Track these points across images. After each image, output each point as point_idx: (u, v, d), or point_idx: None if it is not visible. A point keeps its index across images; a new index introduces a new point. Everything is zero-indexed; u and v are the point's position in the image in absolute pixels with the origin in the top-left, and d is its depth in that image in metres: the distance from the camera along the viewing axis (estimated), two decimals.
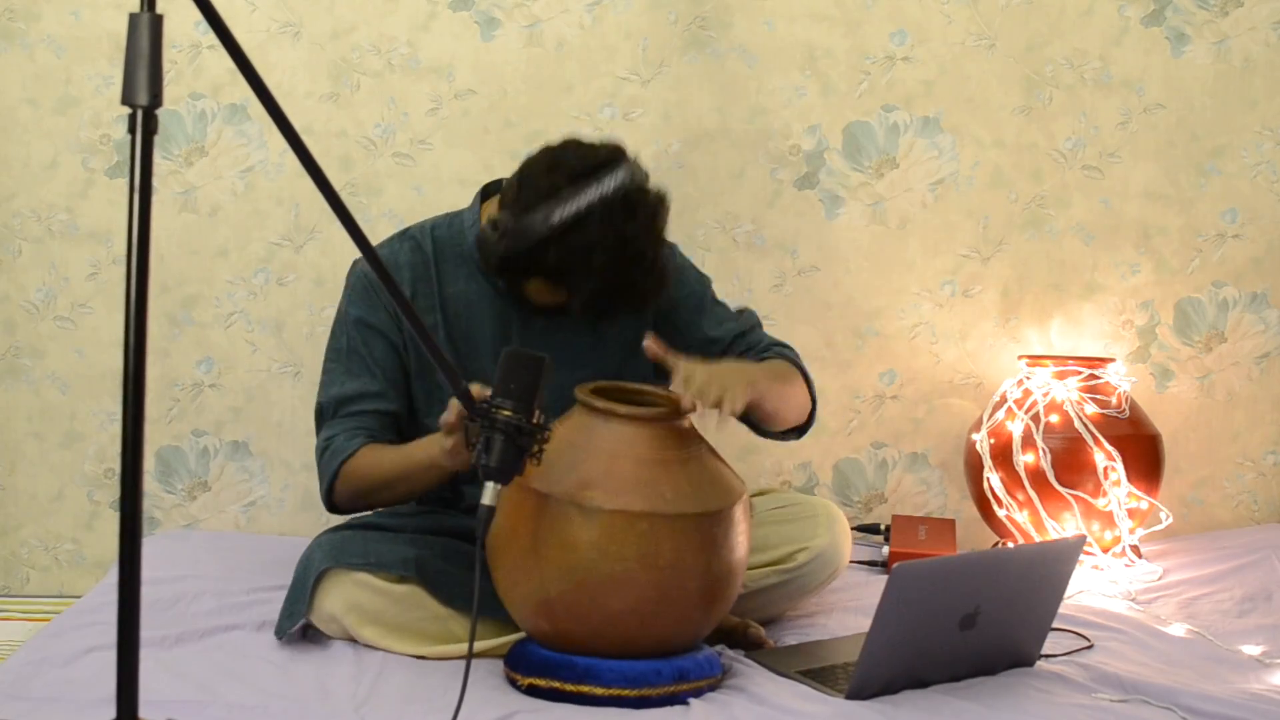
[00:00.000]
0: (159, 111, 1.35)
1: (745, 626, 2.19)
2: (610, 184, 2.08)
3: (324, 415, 2.26)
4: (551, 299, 2.18)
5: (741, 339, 2.36)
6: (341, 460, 2.18)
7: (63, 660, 2.00)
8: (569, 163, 2.10)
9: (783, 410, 2.23)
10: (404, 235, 2.34)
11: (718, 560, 1.95)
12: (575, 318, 2.19)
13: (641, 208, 2.10)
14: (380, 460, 2.17)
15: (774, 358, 2.32)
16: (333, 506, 2.25)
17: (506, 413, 1.77)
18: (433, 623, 2.10)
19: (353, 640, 2.12)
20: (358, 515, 2.34)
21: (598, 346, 2.32)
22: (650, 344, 2.06)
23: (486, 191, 2.34)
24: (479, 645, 2.00)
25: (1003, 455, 2.79)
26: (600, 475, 1.92)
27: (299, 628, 2.15)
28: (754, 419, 2.22)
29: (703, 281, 2.41)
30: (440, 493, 2.34)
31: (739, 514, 1.98)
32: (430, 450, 2.04)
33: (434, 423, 2.00)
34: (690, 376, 2.01)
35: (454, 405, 1.89)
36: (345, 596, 2.09)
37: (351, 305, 2.30)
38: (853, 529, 2.71)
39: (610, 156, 2.12)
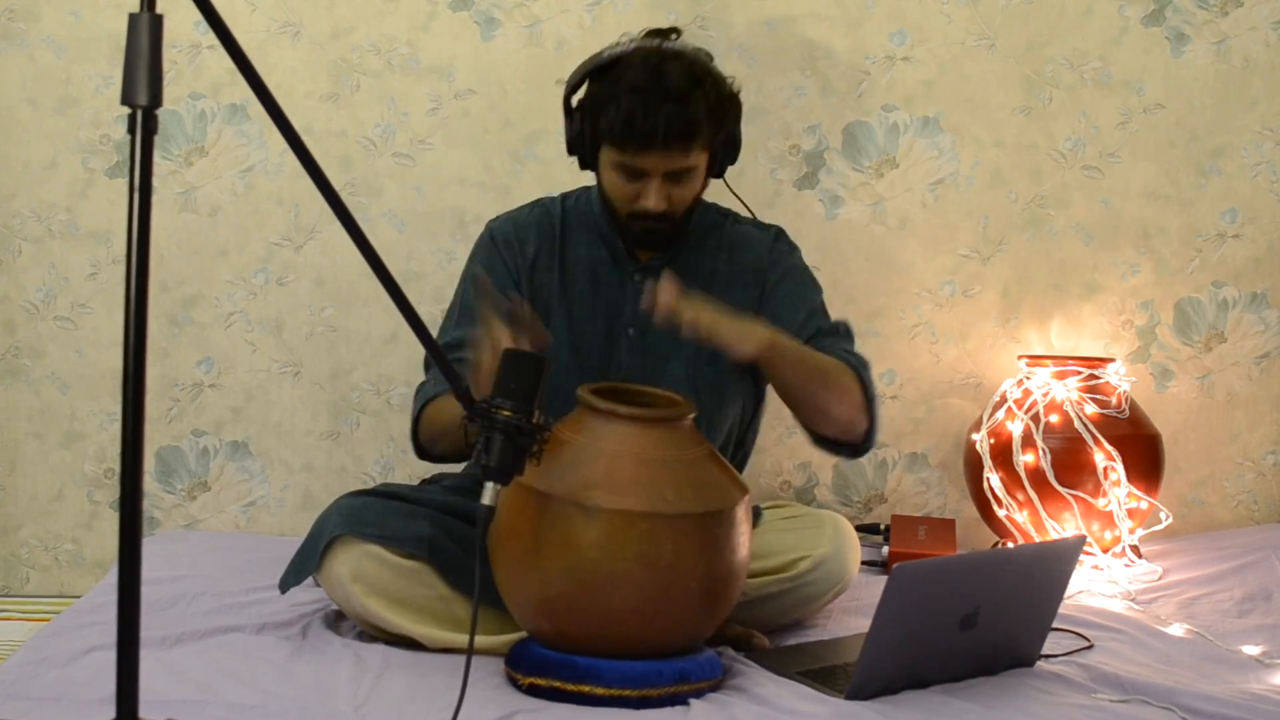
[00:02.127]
0: (159, 111, 1.35)
1: (749, 636, 2.19)
2: (662, 43, 2.26)
3: (428, 363, 2.34)
4: (615, 176, 2.25)
5: (819, 339, 2.34)
6: (423, 404, 2.27)
7: (63, 660, 2.00)
8: (643, 35, 2.29)
9: (814, 395, 2.23)
10: (537, 202, 2.46)
11: (719, 561, 1.95)
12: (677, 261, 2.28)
13: (687, 62, 2.22)
14: (442, 406, 2.21)
15: (837, 359, 2.31)
16: (419, 449, 2.32)
17: (506, 413, 1.77)
18: (437, 602, 2.12)
19: (355, 611, 2.13)
20: (382, 485, 2.34)
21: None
22: (647, 296, 2.10)
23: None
24: (480, 642, 2.01)
25: (1003, 455, 2.79)
26: (601, 475, 1.92)
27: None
28: (785, 397, 2.24)
29: (811, 284, 2.44)
30: (472, 474, 2.36)
31: (740, 515, 1.98)
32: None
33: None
34: (687, 306, 2.07)
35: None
36: (354, 565, 2.10)
37: (472, 262, 2.40)
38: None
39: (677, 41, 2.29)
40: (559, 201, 2.44)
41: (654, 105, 2.16)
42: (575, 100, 2.30)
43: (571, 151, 2.32)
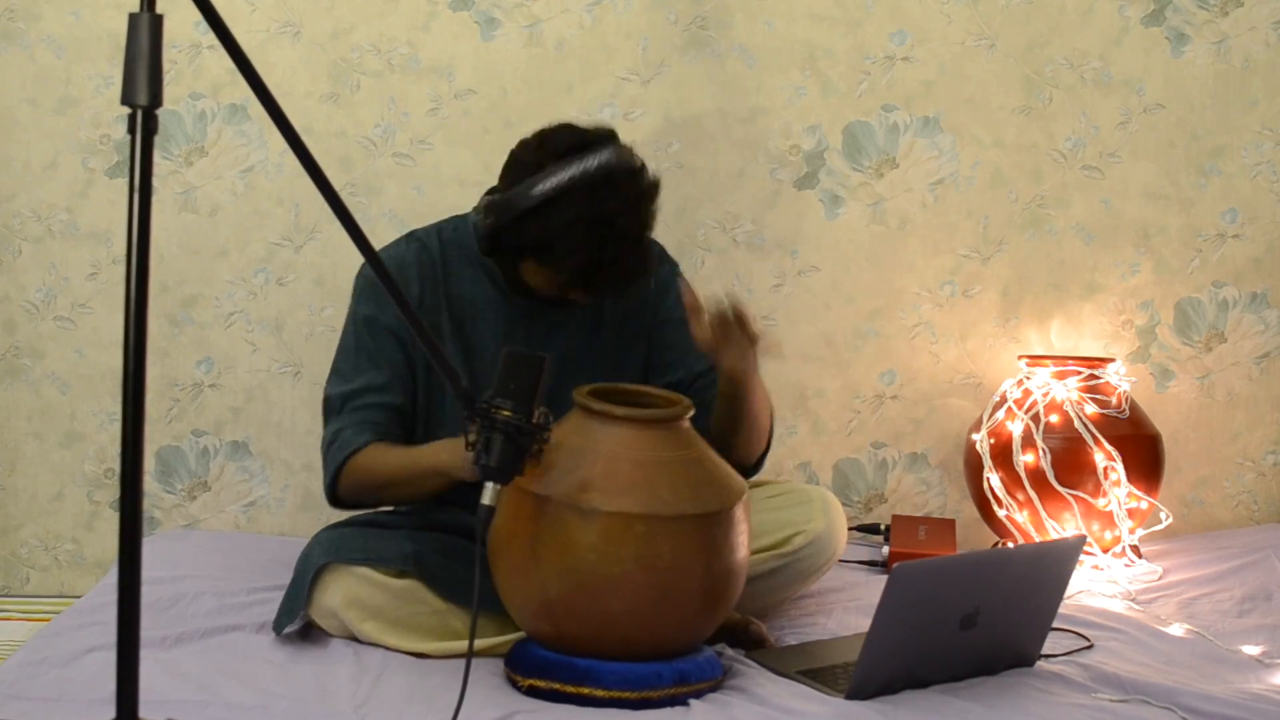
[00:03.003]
0: (159, 111, 1.35)
1: (746, 623, 2.19)
2: (594, 162, 2.12)
3: (331, 409, 2.28)
4: (544, 282, 2.20)
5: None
6: (348, 454, 2.19)
7: (63, 660, 2.00)
8: (556, 141, 2.16)
9: (756, 420, 2.26)
10: (410, 237, 2.37)
11: (718, 561, 1.95)
12: (571, 303, 2.22)
13: (626, 187, 2.13)
14: (387, 459, 2.18)
15: None
16: (335, 500, 2.26)
17: (506, 413, 1.77)
18: (432, 618, 2.11)
19: (352, 638, 2.13)
20: (357, 513, 2.35)
21: (599, 351, 2.34)
22: (688, 296, 2.09)
23: (491, 193, 2.35)
24: (479, 644, 2.01)
25: (1003, 455, 2.79)
26: (599, 477, 1.91)
27: (298, 626, 2.15)
28: (730, 419, 2.24)
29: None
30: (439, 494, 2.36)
31: (739, 514, 1.98)
32: (439, 457, 2.04)
33: (441, 418, 2.00)
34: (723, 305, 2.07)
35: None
36: (345, 591, 2.10)
37: (360, 304, 2.32)
38: (852, 529, 2.72)
39: (597, 137, 2.17)
40: (434, 236, 2.35)
41: (612, 258, 2.12)
42: (505, 231, 2.17)
43: (490, 254, 2.23)
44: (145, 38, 1.33)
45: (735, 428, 2.25)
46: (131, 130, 1.33)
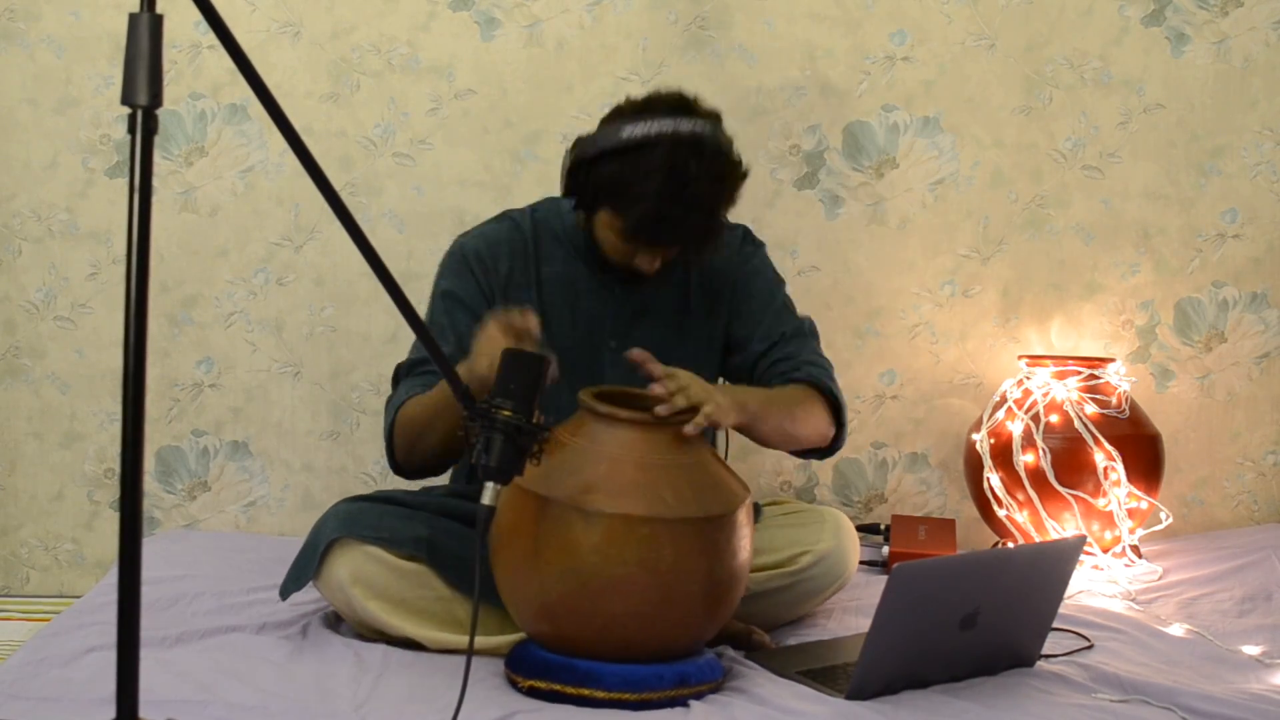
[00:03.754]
0: (159, 111, 1.35)
1: (749, 632, 2.19)
2: (689, 126, 2.16)
3: (397, 377, 2.31)
4: (614, 237, 2.22)
5: (782, 344, 2.37)
6: (396, 409, 2.22)
7: (63, 660, 2.00)
8: (662, 99, 2.21)
9: (787, 433, 2.26)
10: (503, 216, 2.41)
11: (720, 565, 1.94)
12: (642, 275, 2.25)
13: (712, 159, 2.15)
14: (423, 399, 2.19)
15: (801, 378, 2.33)
16: (395, 464, 2.27)
17: (506, 413, 1.77)
18: (437, 603, 2.11)
19: (355, 615, 2.13)
20: (379, 490, 2.34)
21: (684, 329, 2.37)
22: (635, 352, 2.06)
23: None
24: (481, 643, 2.00)
25: (1003, 455, 2.79)
26: (602, 479, 1.91)
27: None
28: (758, 442, 2.26)
29: (775, 281, 2.46)
30: (464, 474, 2.38)
31: (742, 519, 1.98)
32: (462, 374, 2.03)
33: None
34: (674, 375, 2.02)
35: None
36: (354, 567, 2.10)
37: (442, 278, 2.35)
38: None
39: (702, 110, 2.21)
40: (528, 215, 2.39)
41: (679, 215, 2.14)
42: (586, 166, 2.21)
43: (567, 194, 2.25)
44: (145, 38, 1.33)
45: (770, 446, 2.30)
46: (131, 130, 1.33)
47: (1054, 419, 2.78)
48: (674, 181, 2.11)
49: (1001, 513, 2.80)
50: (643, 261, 2.24)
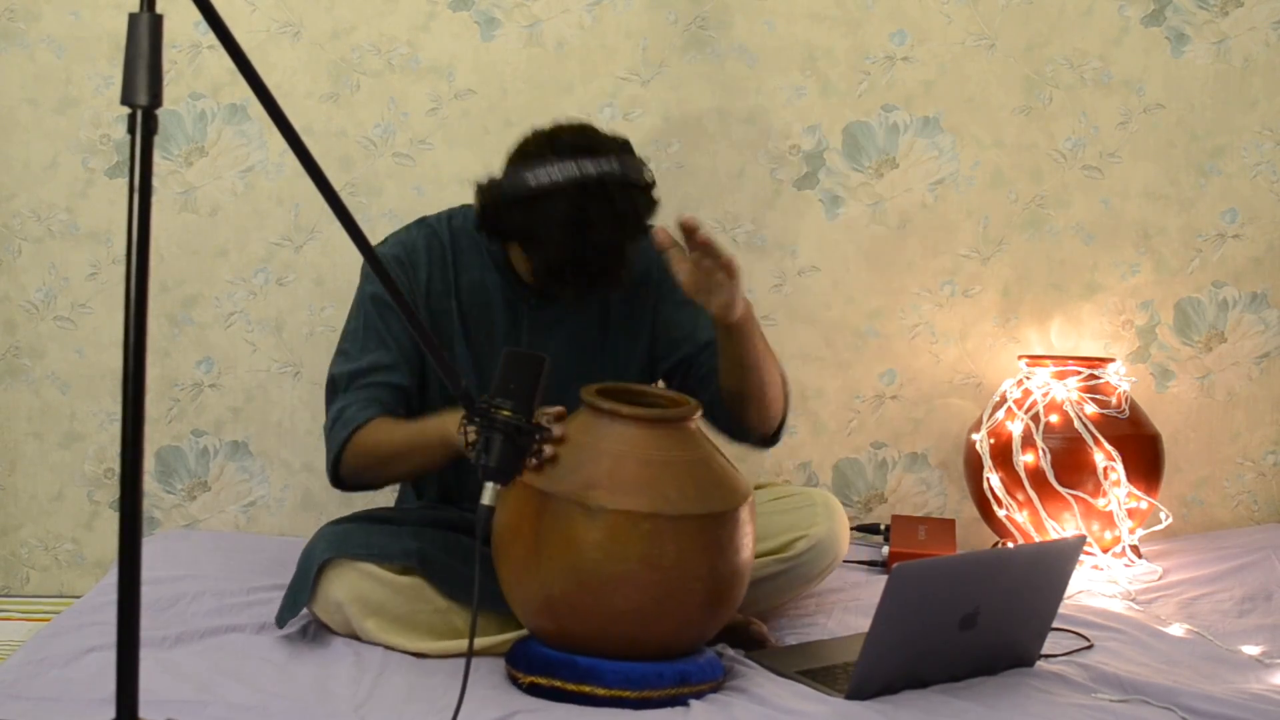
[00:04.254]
0: (159, 111, 1.35)
1: (747, 624, 2.20)
2: (593, 168, 2.12)
3: (336, 388, 2.27)
4: (527, 269, 2.22)
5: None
6: (353, 429, 2.19)
7: (63, 660, 2.00)
8: (565, 138, 2.17)
9: (763, 370, 2.22)
10: (421, 223, 2.39)
11: (722, 562, 1.95)
12: (561, 295, 2.22)
13: (619, 200, 2.13)
14: (392, 433, 2.18)
15: None
16: (338, 480, 2.24)
17: (506, 413, 1.77)
18: (434, 615, 2.11)
19: (353, 634, 2.13)
20: (360, 510, 2.35)
21: (603, 342, 2.35)
22: (660, 233, 2.05)
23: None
24: (480, 643, 2.00)
25: (1003, 455, 2.79)
26: (604, 475, 1.92)
27: (301, 626, 2.15)
28: (735, 370, 2.22)
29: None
30: (443, 485, 2.36)
31: (744, 516, 1.98)
32: (446, 426, 2.03)
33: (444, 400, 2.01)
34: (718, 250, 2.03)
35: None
36: (348, 586, 2.10)
37: (369, 283, 2.33)
38: (853, 529, 2.72)
39: (606, 144, 2.17)
40: (445, 222, 2.37)
41: (586, 259, 2.13)
42: (493, 210, 2.20)
43: (479, 229, 2.24)
44: (145, 38, 1.33)
45: (742, 384, 2.23)
46: (131, 130, 1.33)
47: (1054, 419, 2.78)
48: (578, 230, 2.11)
49: (1001, 513, 2.80)
50: (560, 293, 2.22)
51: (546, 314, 2.33)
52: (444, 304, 2.30)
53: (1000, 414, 2.84)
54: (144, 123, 1.34)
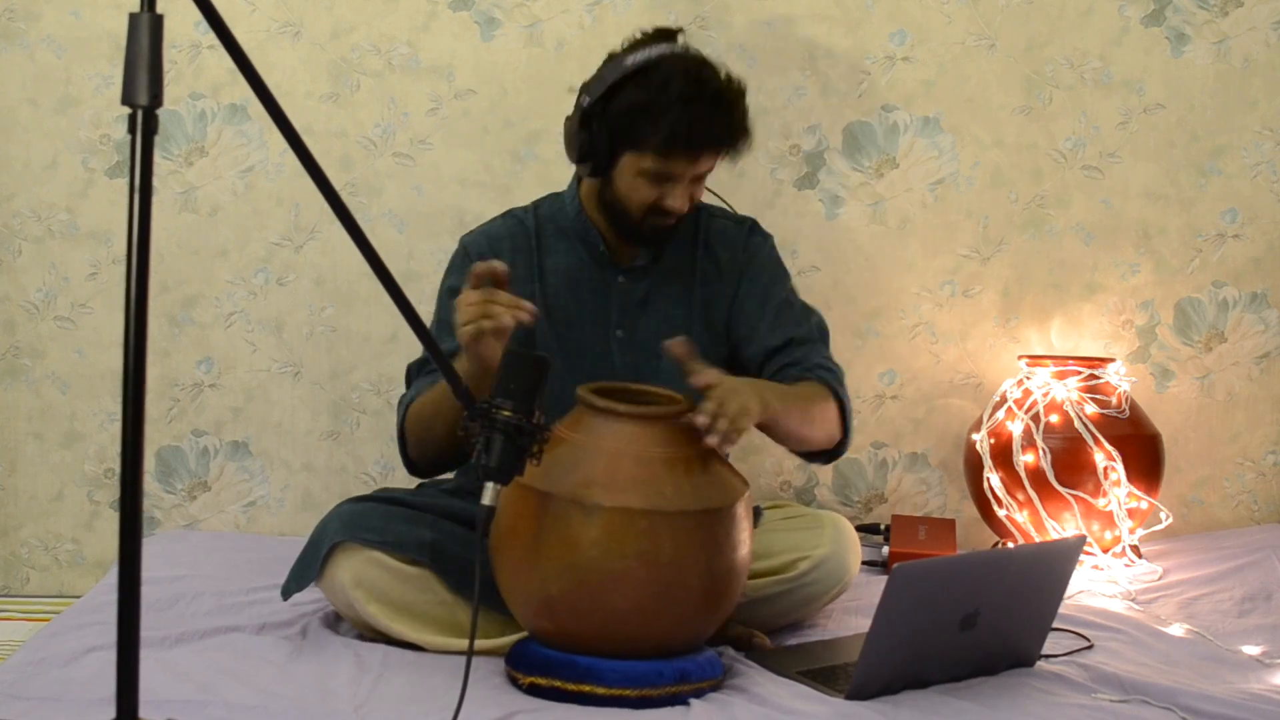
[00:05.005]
0: (159, 111, 1.35)
1: (750, 635, 2.19)
2: (685, 46, 2.26)
3: (409, 378, 2.33)
4: (639, 178, 2.24)
5: (791, 349, 2.36)
6: (407, 405, 2.25)
7: (63, 660, 2.00)
8: (651, 35, 2.29)
9: (801, 433, 2.27)
10: (508, 213, 2.45)
11: (719, 558, 1.95)
12: (665, 231, 2.29)
13: (715, 67, 2.24)
14: (431, 394, 2.20)
15: (812, 379, 2.32)
16: (409, 463, 2.29)
17: (506, 413, 1.77)
18: (439, 608, 2.11)
19: (355, 616, 2.13)
20: (380, 490, 2.36)
21: (690, 322, 2.37)
22: (676, 345, 2.06)
23: (581, 175, 2.40)
24: (481, 644, 2.01)
25: (1003, 455, 2.79)
26: (601, 473, 1.92)
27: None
28: (773, 437, 2.26)
29: (781, 277, 2.46)
30: (462, 476, 2.37)
31: (740, 512, 1.98)
32: (460, 366, 2.04)
33: None
34: (718, 385, 2.01)
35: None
36: (356, 571, 2.10)
37: (448, 276, 2.39)
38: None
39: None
40: (531, 211, 2.42)
41: (707, 115, 2.20)
42: (600, 105, 2.24)
43: (583, 159, 2.27)
44: (145, 38, 1.33)
45: (783, 443, 2.30)
46: (131, 130, 1.33)
47: (1054, 419, 2.78)
48: (694, 83, 2.19)
49: (1001, 513, 2.80)
50: (675, 198, 2.25)
51: (634, 290, 2.36)
52: (527, 288, 2.32)
53: (1000, 414, 2.84)
54: (144, 123, 1.33)
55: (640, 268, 2.37)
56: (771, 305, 2.40)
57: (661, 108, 2.18)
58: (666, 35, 2.29)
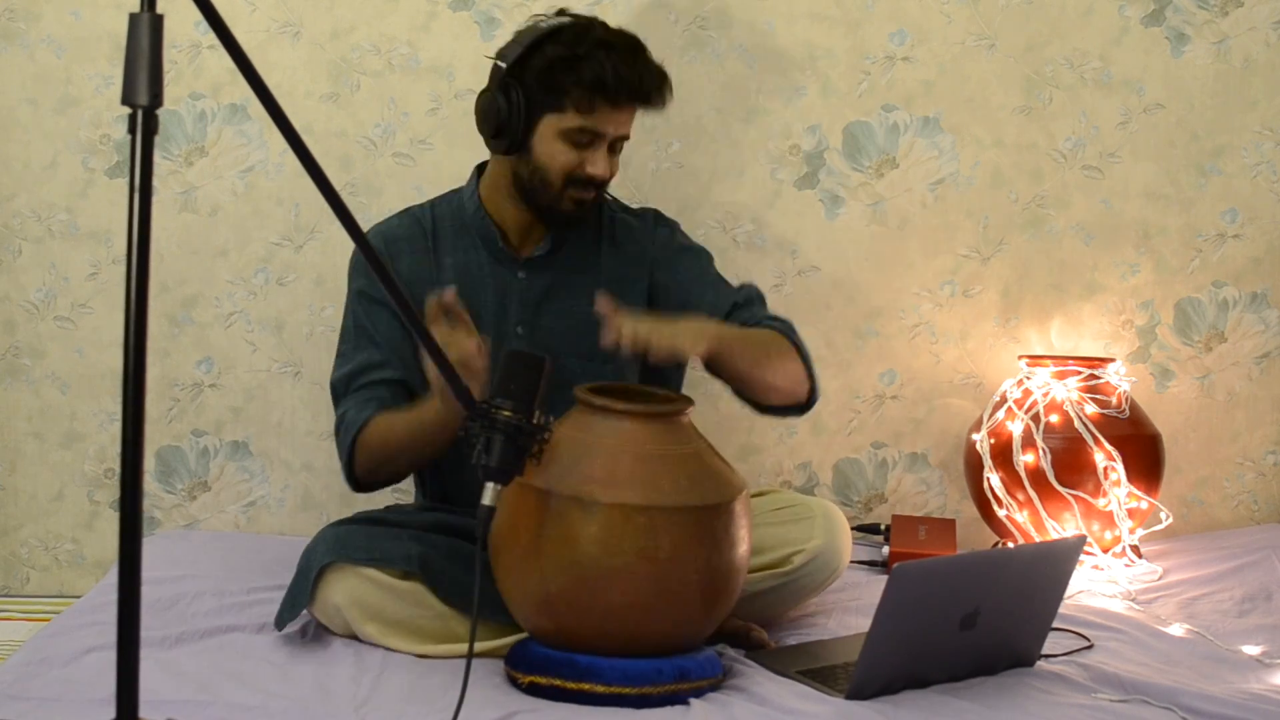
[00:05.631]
0: (159, 111, 1.35)
1: (748, 630, 2.19)
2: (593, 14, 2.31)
3: (337, 394, 2.32)
4: (561, 141, 2.24)
5: (738, 311, 2.36)
6: (355, 432, 2.23)
7: (63, 660, 2.00)
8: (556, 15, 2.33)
9: (762, 374, 2.24)
10: (405, 212, 2.45)
11: (718, 554, 1.95)
12: (576, 211, 2.29)
13: (622, 28, 2.29)
14: (394, 425, 2.21)
15: (764, 328, 2.32)
16: (355, 482, 2.29)
17: (506, 413, 1.78)
18: (434, 621, 2.11)
19: (353, 636, 2.13)
20: (362, 511, 2.35)
21: (592, 317, 2.34)
22: (601, 304, 2.06)
23: (481, 168, 2.42)
24: (480, 645, 2.01)
25: (1003, 455, 2.79)
26: (599, 471, 1.92)
27: (301, 626, 2.15)
28: (732, 383, 2.24)
29: (703, 255, 2.46)
30: (444, 486, 2.37)
31: (739, 509, 1.99)
32: (430, 408, 2.08)
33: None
34: (624, 321, 2.03)
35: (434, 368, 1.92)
36: (348, 590, 2.10)
37: (354, 280, 2.38)
38: (853, 529, 2.72)
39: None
40: (429, 209, 2.42)
41: (629, 60, 2.23)
42: (518, 68, 2.26)
43: (499, 132, 2.27)
44: (145, 38, 1.33)
45: (747, 391, 2.27)
46: (131, 130, 1.33)
47: (1054, 419, 2.78)
48: (611, 34, 2.25)
49: (1001, 513, 2.80)
50: (595, 163, 2.26)
51: (535, 286, 2.35)
52: (426, 290, 2.28)
53: (1000, 414, 2.84)
54: (144, 123, 1.33)
55: (540, 259, 2.36)
56: (707, 281, 2.41)
57: (581, 58, 2.21)
58: (570, 13, 2.33)
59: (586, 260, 2.40)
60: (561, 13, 2.32)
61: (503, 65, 2.27)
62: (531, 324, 2.35)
